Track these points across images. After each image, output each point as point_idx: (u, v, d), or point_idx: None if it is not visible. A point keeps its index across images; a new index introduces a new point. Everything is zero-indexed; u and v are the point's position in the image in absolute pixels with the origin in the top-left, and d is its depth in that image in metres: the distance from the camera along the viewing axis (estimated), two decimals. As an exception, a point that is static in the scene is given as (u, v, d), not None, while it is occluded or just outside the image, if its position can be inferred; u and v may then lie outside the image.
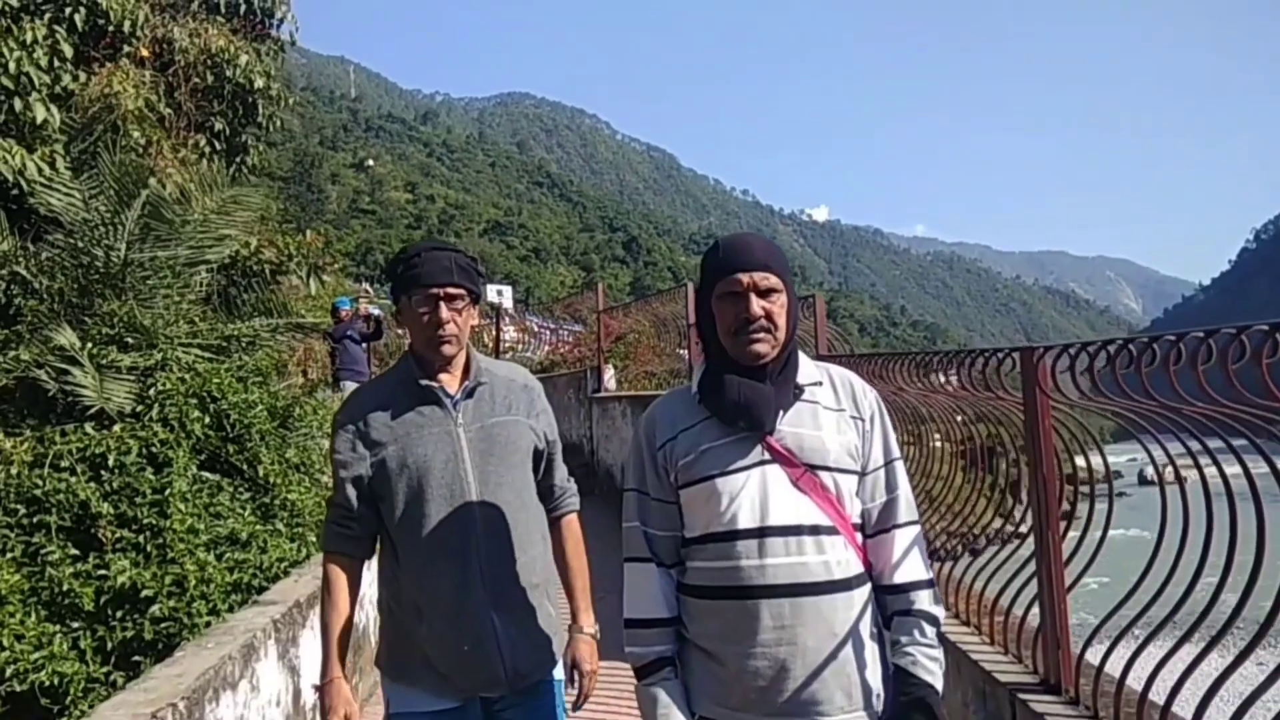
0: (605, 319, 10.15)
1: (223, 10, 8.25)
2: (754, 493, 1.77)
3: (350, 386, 10.60)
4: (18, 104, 5.81)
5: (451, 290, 2.17)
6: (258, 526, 5.24)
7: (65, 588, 4.47)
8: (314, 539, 5.47)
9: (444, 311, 2.15)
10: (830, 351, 6.64)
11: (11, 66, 5.54)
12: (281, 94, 8.93)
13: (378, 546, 2.29)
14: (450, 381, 2.25)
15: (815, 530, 1.78)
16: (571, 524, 2.53)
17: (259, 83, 8.56)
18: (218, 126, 8.49)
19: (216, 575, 4.73)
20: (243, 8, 8.41)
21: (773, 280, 1.80)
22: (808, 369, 1.91)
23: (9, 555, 4.59)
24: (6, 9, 6.04)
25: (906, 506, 1.88)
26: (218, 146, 8.26)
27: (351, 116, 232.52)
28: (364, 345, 11.22)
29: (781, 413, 1.82)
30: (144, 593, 4.49)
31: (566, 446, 8.70)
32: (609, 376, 10.01)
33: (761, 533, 1.76)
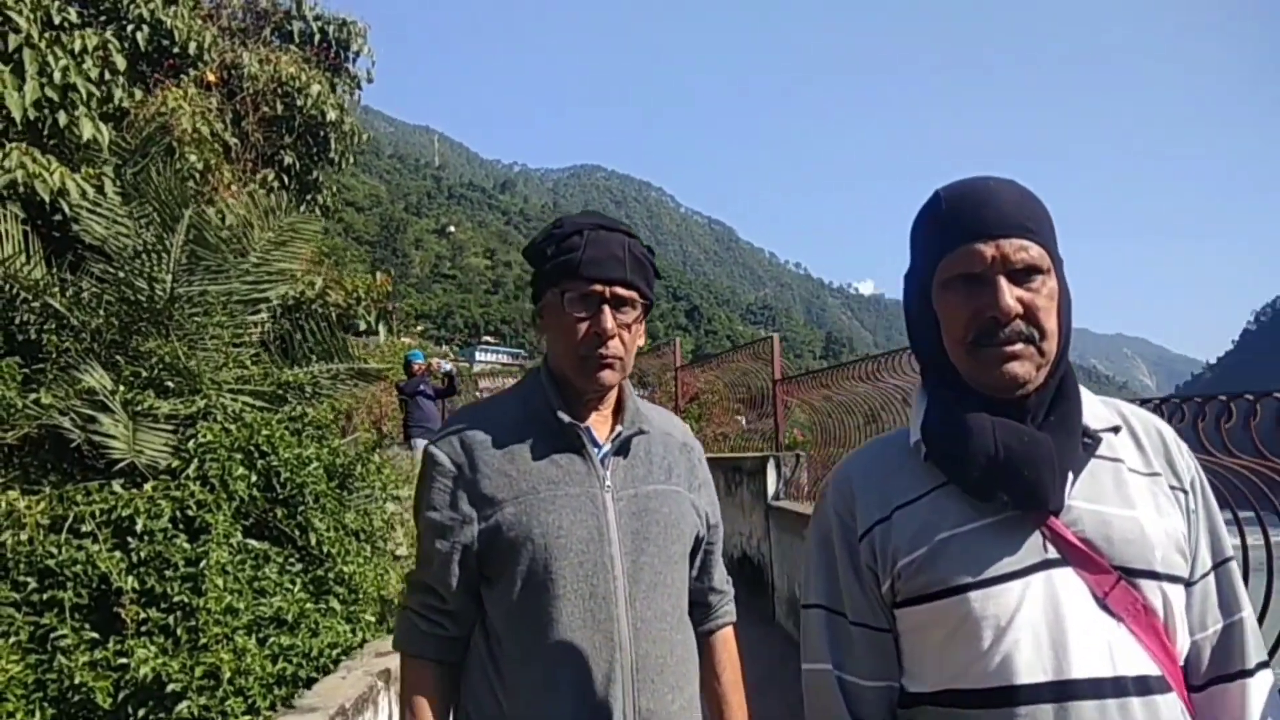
0: (683, 376, 9.35)
1: (296, 39, 7.67)
2: (1038, 618, 1.06)
3: (421, 443, 9.84)
4: (62, 118, 5.17)
5: (622, 290, 1.50)
6: (308, 605, 4.32)
7: (77, 680, 3.59)
8: (372, 619, 4.53)
9: (608, 320, 1.49)
10: (784, 375, 7.08)
11: (57, 76, 4.88)
12: (355, 129, 8.28)
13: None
14: (600, 425, 1.57)
15: (1143, 687, 1.04)
16: (729, 642, 1.82)
17: (331, 115, 7.94)
18: (287, 160, 7.86)
19: (256, 665, 3.80)
20: (317, 38, 7.82)
21: (1032, 252, 1.10)
22: (1093, 406, 1.20)
23: (14, 639, 3.73)
24: (65, 24, 5.41)
25: (1255, 639, 1.15)
26: (287, 182, 7.60)
27: (435, 184, 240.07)
28: (436, 401, 10.54)
29: (1070, 477, 1.11)
30: (170, 687, 3.58)
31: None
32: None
33: (1060, 692, 1.03)
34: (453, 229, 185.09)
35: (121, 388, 4.47)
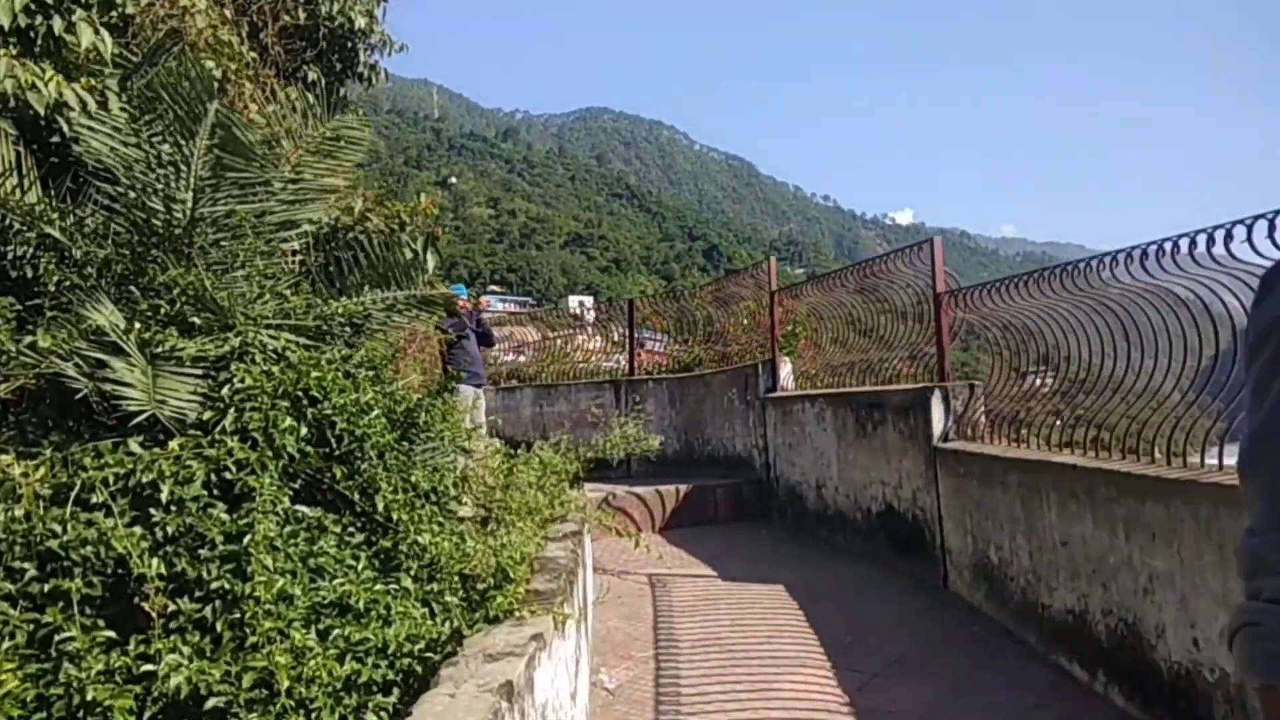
0: (782, 299, 8.17)
1: (316, -64, 6.63)
2: None
3: (465, 390, 8.89)
4: (58, 24, 4.26)
5: None
6: (377, 586, 3.48)
7: (89, 695, 2.76)
8: (457, 602, 3.71)
9: None
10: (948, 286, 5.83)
11: (49, -24, 3.94)
12: (386, 39, 7.29)
13: None
14: None
15: None
16: None
17: (360, 22, 6.94)
18: (311, 76, 6.87)
19: (321, 670, 2.97)
20: (338, -66, 6.76)
21: None
22: None
23: (8, 643, 2.90)
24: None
25: None
26: (311, 100, 6.60)
27: (435, 136, 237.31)
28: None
29: None
30: (210, 702, 2.77)
31: (729, 458, 6.88)
32: (786, 373, 8.09)
33: None
34: (454, 180, 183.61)
35: (137, 325, 3.61)
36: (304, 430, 3.60)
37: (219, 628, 2.97)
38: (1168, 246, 3.78)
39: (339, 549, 3.58)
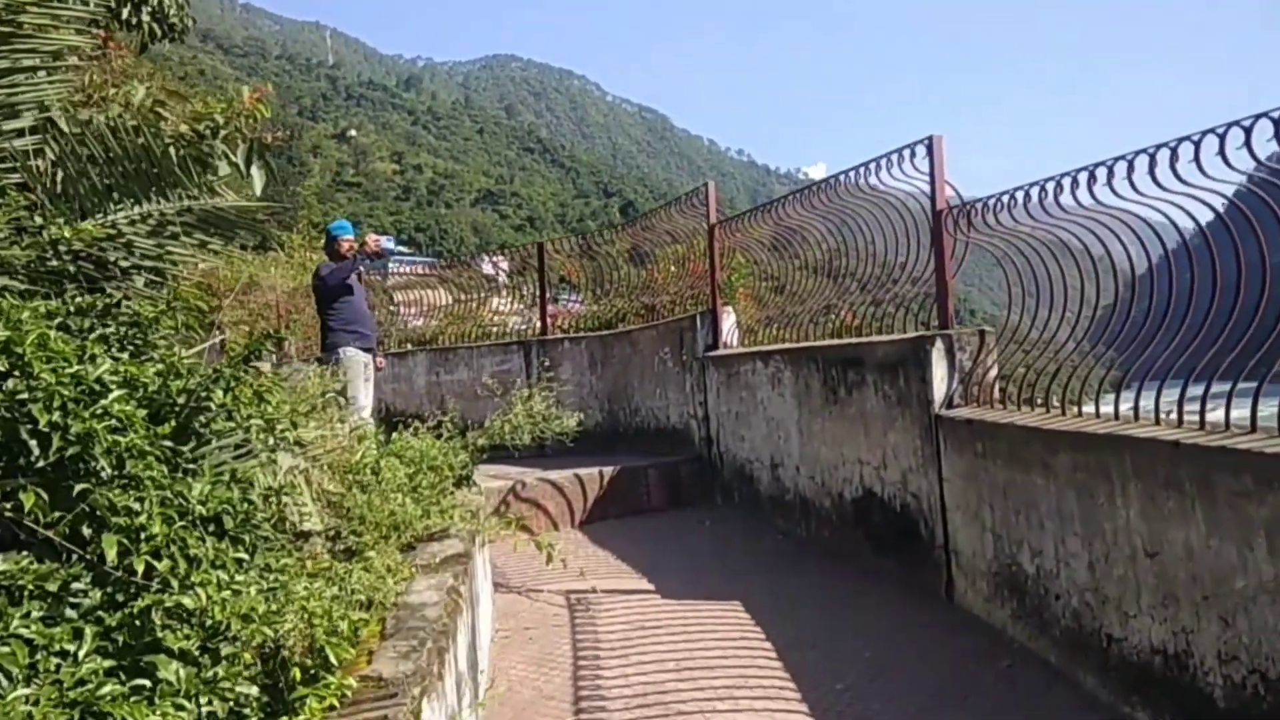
0: (721, 234, 6.83)
1: None
2: None
3: (354, 355, 7.33)
4: None
5: None
6: (106, 688, 2.12)
7: None
8: (255, 698, 2.38)
9: None
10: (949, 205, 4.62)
11: None
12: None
13: None
14: None
15: None
16: None
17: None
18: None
19: None
20: None
21: None
22: None
23: None
24: None
25: None
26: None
27: (330, 85, 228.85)
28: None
29: None
30: None
31: (663, 431, 4.19)
32: (729, 325, 6.84)
33: None
34: (354, 132, 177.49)
35: None
36: (-16, 429, 2.21)
37: None
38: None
39: (47, 625, 2.22)
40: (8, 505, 2.25)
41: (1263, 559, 2.60)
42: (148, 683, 2.15)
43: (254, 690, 2.33)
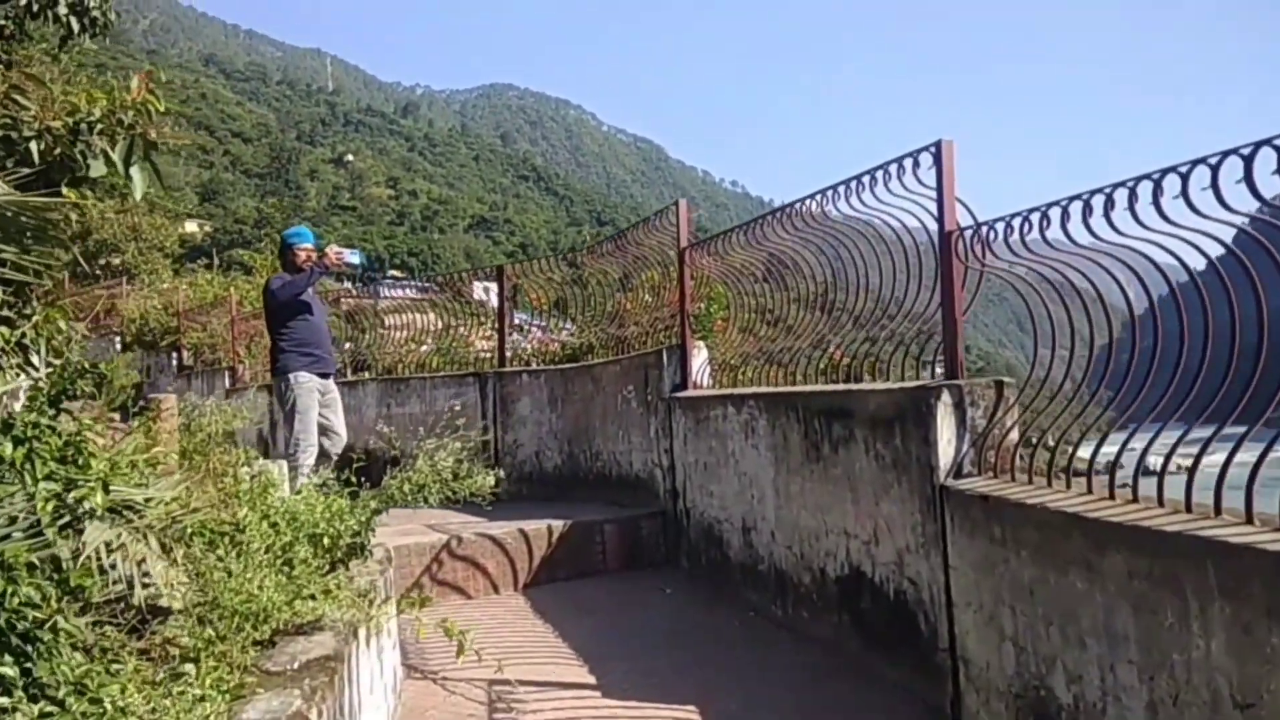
0: (693, 258, 5.95)
1: None
2: None
3: (306, 380, 6.38)
4: None
5: None
6: None
7: None
8: None
9: None
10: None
11: None
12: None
13: None
14: None
15: None
16: None
17: None
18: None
19: None
20: None
21: None
22: None
23: None
24: None
25: None
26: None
27: (329, 110, 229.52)
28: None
29: None
30: None
31: (625, 479, 3.55)
32: (700, 362, 5.95)
33: None
34: (351, 157, 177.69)
35: None
36: None
37: None
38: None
39: None
40: None
41: None
42: None
43: None
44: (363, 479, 4.44)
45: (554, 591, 5.53)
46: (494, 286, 9.64)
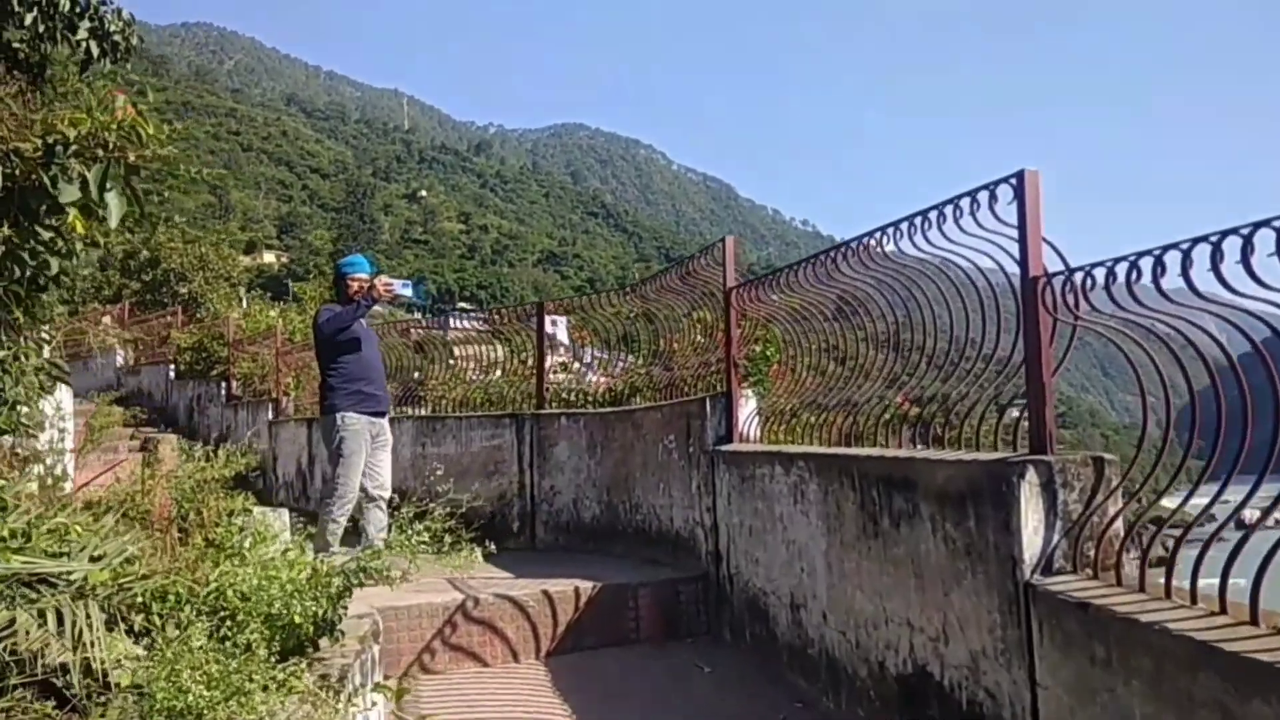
0: (741, 299, 5.37)
1: None
2: None
3: (353, 421, 6.07)
4: None
5: None
6: None
7: None
8: None
9: None
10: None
11: None
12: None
13: None
14: None
15: None
16: None
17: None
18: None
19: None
20: None
21: None
22: None
23: None
24: None
25: None
26: None
27: (405, 148, 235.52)
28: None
29: None
30: None
31: (665, 535, 3.96)
32: (747, 412, 5.36)
33: None
34: (424, 193, 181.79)
35: None
36: None
37: None
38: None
39: None
40: None
41: None
42: None
43: None
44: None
45: (580, 663, 4.94)
46: (561, 320, 9.18)
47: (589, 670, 4.85)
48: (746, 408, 5.28)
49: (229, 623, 2.97)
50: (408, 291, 6.34)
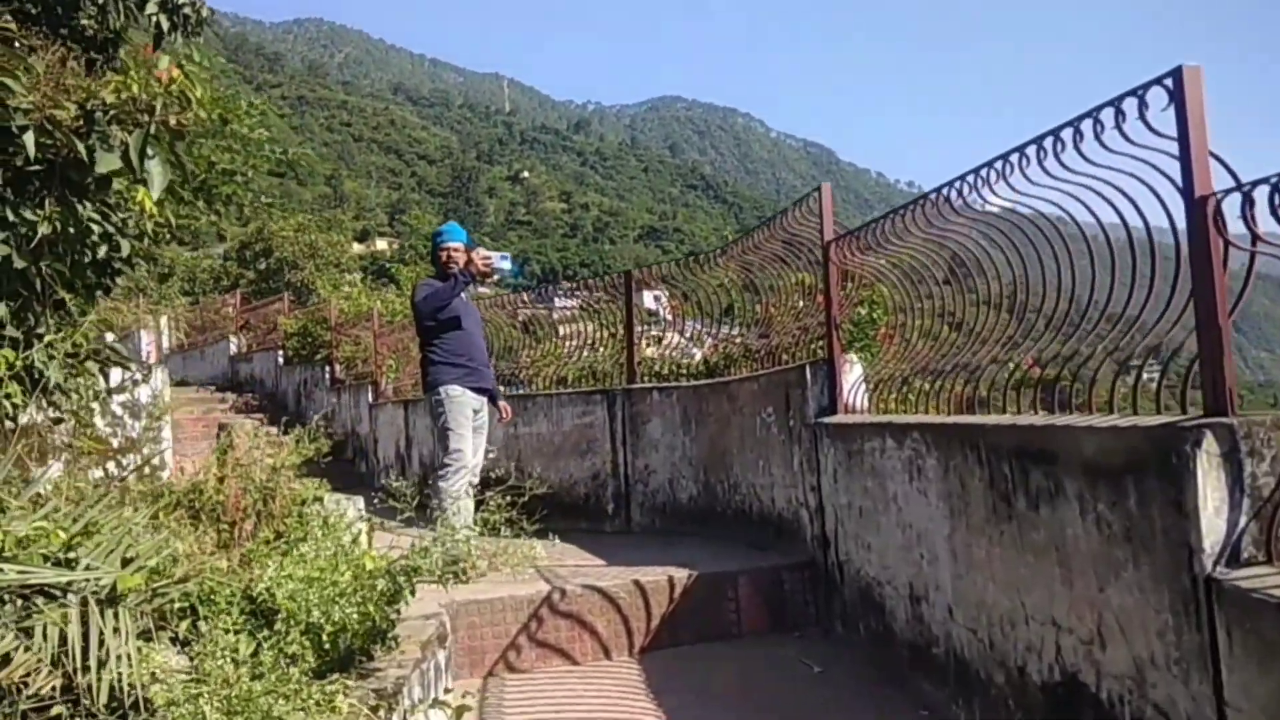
0: (841, 254, 4.80)
1: None
2: None
3: (459, 394, 5.96)
4: None
5: None
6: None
7: None
8: None
9: None
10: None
11: None
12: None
13: None
14: None
15: None
16: None
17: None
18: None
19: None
20: None
21: None
22: None
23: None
24: None
25: None
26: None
27: (506, 130, 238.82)
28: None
29: None
30: None
31: (767, 517, 4.06)
32: (853, 379, 4.82)
33: None
34: (526, 174, 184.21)
35: None
36: None
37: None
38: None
39: None
40: None
41: None
42: None
43: None
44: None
45: (676, 661, 4.52)
46: (663, 295, 8.73)
47: (687, 668, 4.42)
48: (851, 375, 4.73)
49: (267, 630, 2.66)
50: (506, 264, 6.11)
